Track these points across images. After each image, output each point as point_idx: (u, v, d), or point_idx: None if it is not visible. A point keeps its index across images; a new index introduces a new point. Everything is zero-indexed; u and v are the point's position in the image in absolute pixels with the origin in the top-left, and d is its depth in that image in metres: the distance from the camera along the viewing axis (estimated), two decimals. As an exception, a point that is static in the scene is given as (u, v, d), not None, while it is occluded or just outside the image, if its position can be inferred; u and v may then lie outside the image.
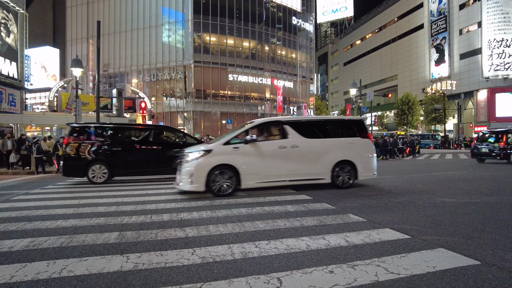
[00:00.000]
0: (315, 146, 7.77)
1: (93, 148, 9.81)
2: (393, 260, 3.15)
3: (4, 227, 4.58)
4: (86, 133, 10.01)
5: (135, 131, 11.35)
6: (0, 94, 25.67)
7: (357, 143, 8.11)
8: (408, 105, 48.02)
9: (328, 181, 7.68)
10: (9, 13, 27.41)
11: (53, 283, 2.73)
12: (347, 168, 7.87)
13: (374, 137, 24.04)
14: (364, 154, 8.13)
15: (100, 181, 9.77)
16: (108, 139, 10.10)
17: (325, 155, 7.72)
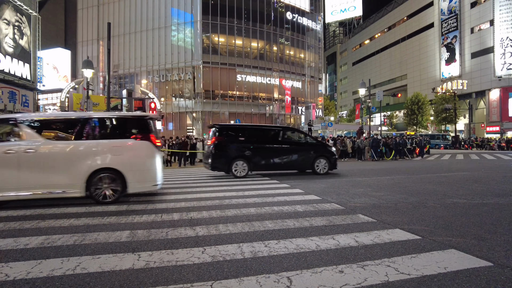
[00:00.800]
0: (62, 150, 6.16)
1: (235, 146, 11.04)
2: (403, 261, 3.13)
3: (20, 225, 4.69)
4: (229, 133, 11.43)
5: (267, 131, 12.45)
6: (14, 95, 26.19)
7: (129, 147, 6.50)
8: (417, 105, 47.52)
9: (81, 194, 6.09)
10: (22, 16, 27.96)
11: (67, 279, 2.79)
12: (111, 178, 6.24)
13: (383, 137, 23.86)
14: (140, 161, 6.53)
15: (241, 175, 10.92)
16: (246, 138, 11.36)
17: (77, 161, 6.11)
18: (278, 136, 11.74)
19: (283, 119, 47.77)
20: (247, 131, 11.89)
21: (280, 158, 11.41)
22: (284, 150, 11.53)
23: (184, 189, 8.36)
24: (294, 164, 11.73)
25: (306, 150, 11.92)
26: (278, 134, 11.81)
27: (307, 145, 12.20)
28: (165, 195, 7.37)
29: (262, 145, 11.38)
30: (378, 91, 30.24)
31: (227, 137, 11.23)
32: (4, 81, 25.26)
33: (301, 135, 12.82)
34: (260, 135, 11.92)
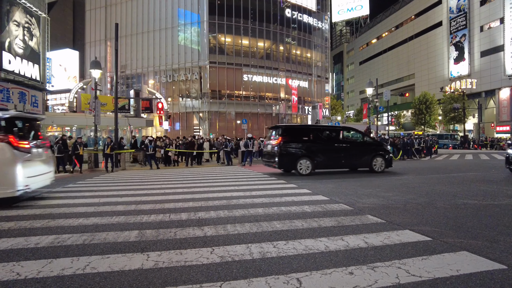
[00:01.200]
0: None
1: (300, 145, 11.47)
2: (414, 263, 3.09)
3: (30, 224, 4.74)
4: (293, 133, 11.88)
5: (329, 131, 12.85)
6: (24, 95, 26.53)
7: None
8: (425, 105, 47.05)
9: None
10: (32, 17, 28.31)
11: (77, 279, 2.81)
12: None
13: (390, 137, 23.65)
14: None
15: (305, 173, 11.27)
16: (310, 138, 11.87)
17: None
18: (339, 136, 12.25)
19: (290, 119, 47.66)
20: (309, 131, 12.47)
21: (341, 157, 11.81)
22: (344, 150, 11.93)
23: (192, 188, 8.38)
24: (353, 163, 12.21)
25: (364, 149, 12.38)
26: (338, 134, 12.33)
27: (365, 144, 12.72)
28: (173, 194, 7.39)
29: (324, 144, 11.91)
30: (385, 90, 29.99)
31: (292, 137, 11.71)
32: (14, 82, 25.59)
33: (359, 135, 13.22)
34: (321, 135, 12.42)
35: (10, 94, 25.11)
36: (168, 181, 10.29)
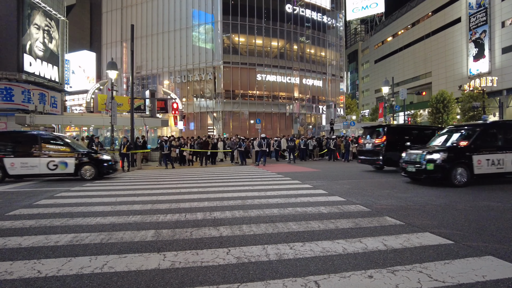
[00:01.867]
0: None
1: (402, 144, 12.25)
2: (436, 267, 2.99)
3: (50, 223, 4.84)
4: (395, 132, 13.00)
5: (422, 130, 14.02)
6: (43, 96, 27.26)
7: None
8: (443, 103, 45.88)
9: None
10: (51, 21, 29.06)
11: (96, 278, 2.83)
12: None
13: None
14: None
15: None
16: (410, 137, 12.71)
17: None
18: (434, 134, 12.88)
19: (304, 118, 47.37)
20: (410, 130, 13.68)
21: None
22: None
23: (207, 188, 8.40)
24: None
25: None
26: (434, 133, 13.14)
27: None
28: (188, 194, 7.43)
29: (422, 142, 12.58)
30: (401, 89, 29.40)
31: (395, 136, 12.69)
32: (35, 83, 26.35)
33: None
34: (423, 134, 13.19)
35: (31, 96, 25.85)
36: (183, 181, 10.36)
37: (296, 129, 44.46)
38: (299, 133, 39.78)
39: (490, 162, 8.35)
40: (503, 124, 9.67)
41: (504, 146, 8.64)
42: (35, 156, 10.55)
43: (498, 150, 8.50)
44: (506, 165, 8.46)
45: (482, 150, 8.39)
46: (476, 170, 8.23)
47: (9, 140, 11.00)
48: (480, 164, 8.25)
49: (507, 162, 8.45)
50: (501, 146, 8.62)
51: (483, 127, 8.97)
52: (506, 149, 8.54)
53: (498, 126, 9.47)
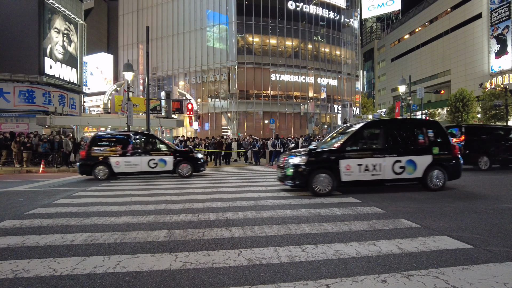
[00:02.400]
0: None
1: (480, 143, 12.78)
2: (454, 272, 2.89)
3: (67, 222, 4.95)
4: (474, 132, 13.18)
5: (505, 130, 14.06)
6: (63, 98, 28.01)
7: None
8: (462, 102, 44.62)
9: None
10: (70, 24, 29.83)
11: (108, 277, 2.87)
12: None
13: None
14: None
15: (484, 169, 12.45)
16: (488, 137, 13.11)
17: None
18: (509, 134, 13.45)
19: (319, 118, 46.99)
20: (487, 130, 13.84)
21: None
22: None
23: (220, 188, 8.42)
24: None
25: None
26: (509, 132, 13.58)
27: None
28: (202, 194, 7.47)
29: (501, 143, 13.03)
30: (419, 88, 28.75)
31: (473, 135, 12.92)
32: (55, 86, 27.12)
33: None
34: (497, 134, 13.54)
35: (51, 97, 26.61)
36: (197, 181, 10.43)
37: (311, 129, 44.17)
38: (313, 133, 39.49)
39: (363, 167, 7.17)
40: (382, 123, 8.16)
41: (382, 149, 7.39)
42: (137, 155, 11.29)
43: (375, 154, 7.34)
44: (385, 171, 7.25)
45: (353, 153, 7.25)
46: (344, 176, 7.11)
47: (114, 140, 11.84)
48: (350, 170, 7.11)
49: (386, 167, 7.25)
50: (376, 149, 7.49)
51: (358, 128, 7.78)
52: (384, 153, 7.33)
53: (375, 126, 8.19)
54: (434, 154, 7.51)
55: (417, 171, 7.38)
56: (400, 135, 7.72)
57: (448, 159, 7.64)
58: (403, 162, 7.30)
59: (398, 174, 7.31)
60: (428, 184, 7.46)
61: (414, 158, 7.37)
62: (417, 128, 7.88)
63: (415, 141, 7.66)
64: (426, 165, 7.41)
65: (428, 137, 7.66)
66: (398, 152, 7.36)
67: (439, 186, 7.50)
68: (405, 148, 7.49)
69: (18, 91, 25.22)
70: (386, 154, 7.31)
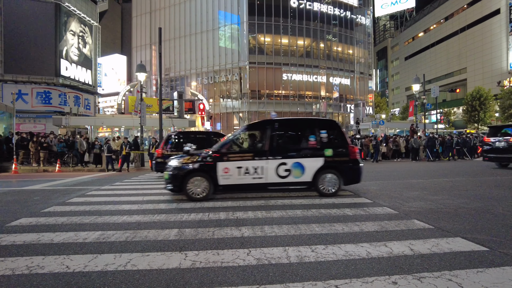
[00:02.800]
0: None
1: None
2: (468, 275, 2.81)
3: (80, 220, 5.04)
4: None
5: None
6: (78, 99, 28.60)
7: None
8: (479, 101, 43.59)
9: None
10: (85, 27, 30.42)
11: (119, 275, 2.91)
12: None
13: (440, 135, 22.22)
14: None
15: None
16: None
17: None
18: None
19: (331, 118, 46.63)
20: None
21: None
22: None
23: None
24: None
25: None
26: None
27: None
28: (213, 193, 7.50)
29: None
30: (433, 86, 28.22)
31: None
32: (70, 87, 27.71)
33: None
34: None
35: (66, 98, 27.20)
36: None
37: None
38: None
39: (243, 170, 6.65)
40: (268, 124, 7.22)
41: (266, 151, 6.82)
42: None
43: (257, 156, 6.75)
44: (267, 175, 6.71)
45: (232, 156, 6.77)
46: (222, 180, 6.63)
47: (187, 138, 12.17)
48: (228, 173, 6.62)
49: (269, 171, 6.71)
50: (259, 151, 6.86)
51: (241, 129, 7.35)
52: (267, 155, 6.75)
53: (259, 126, 7.45)
54: (326, 157, 6.87)
55: (305, 174, 6.78)
56: (288, 136, 7.36)
57: (343, 162, 6.98)
58: (288, 165, 6.74)
59: (283, 178, 6.74)
60: (319, 188, 6.87)
61: (302, 160, 6.78)
62: (308, 129, 7.27)
63: (305, 143, 7.10)
64: (316, 168, 6.80)
65: (320, 138, 7.03)
66: (283, 154, 6.82)
67: (331, 191, 6.90)
68: (293, 150, 6.96)
69: (35, 92, 25.88)
70: (269, 157, 6.74)
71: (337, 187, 6.93)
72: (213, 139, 11.93)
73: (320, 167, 6.83)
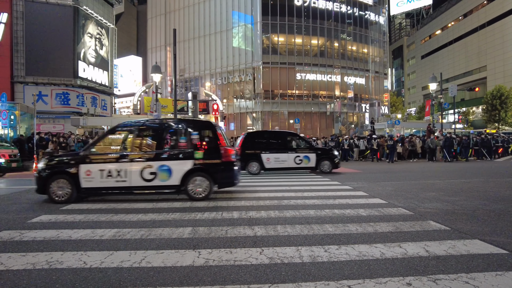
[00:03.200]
0: None
1: None
2: (486, 278, 2.75)
3: (97, 217, 5.17)
4: None
5: None
6: (95, 100, 29.23)
7: None
8: (500, 99, 42.29)
9: None
10: (102, 29, 31.07)
11: (134, 272, 2.97)
12: None
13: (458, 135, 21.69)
14: None
15: None
16: None
17: None
18: None
19: (345, 117, 46.16)
20: None
21: None
22: None
23: (244, 187, 8.48)
24: None
25: None
26: None
27: None
28: (226, 193, 7.55)
29: None
30: (451, 85, 27.56)
31: None
32: (87, 88, 28.38)
33: None
34: None
35: (84, 99, 27.85)
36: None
37: (337, 129, 43.48)
38: (340, 133, 38.83)
39: (105, 173, 6.42)
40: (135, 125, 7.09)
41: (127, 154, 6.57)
42: (285, 152, 12.31)
43: (121, 159, 6.52)
44: (131, 178, 6.46)
45: (96, 158, 6.53)
46: (85, 183, 6.39)
47: (264, 138, 12.93)
48: (90, 176, 6.38)
49: (133, 174, 6.46)
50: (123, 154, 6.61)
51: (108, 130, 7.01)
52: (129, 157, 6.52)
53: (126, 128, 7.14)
54: (196, 159, 6.62)
55: (172, 177, 6.52)
56: (155, 138, 7.07)
57: (215, 164, 6.73)
58: (154, 168, 6.49)
59: (148, 181, 6.49)
60: (189, 192, 6.62)
61: (169, 163, 6.55)
62: (179, 130, 7.05)
63: (175, 145, 6.87)
64: (184, 171, 6.54)
65: (191, 140, 6.78)
66: (145, 156, 6.60)
67: (201, 195, 6.65)
68: (159, 152, 6.69)
69: (55, 93, 26.62)
70: (133, 159, 6.53)
71: (208, 190, 6.70)
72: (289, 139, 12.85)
73: (189, 170, 6.59)
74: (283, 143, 12.68)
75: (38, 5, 26.20)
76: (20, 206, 6.22)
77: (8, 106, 19.41)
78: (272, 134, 14.31)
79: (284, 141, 12.76)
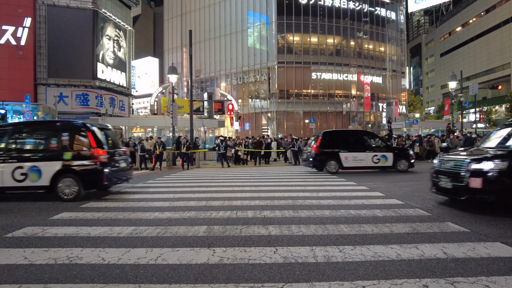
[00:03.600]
0: None
1: None
2: (508, 282, 2.66)
3: (115, 216, 5.30)
4: None
5: None
6: (113, 100, 29.88)
7: None
8: (525, 98, 40.77)
9: None
10: (120, 31, 31.74)
11: (150, 268, 3.04)
12: None
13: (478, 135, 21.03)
14: None
15: None
16: None
17: None
18: None
19: (362, 117, 45.52)
20: None
21: None
22: None
23: (259, 187, 8.50)
24: None
25: None
26: None
27: None
28: (241, 192, 7.59)
29: None
30: (472, 83, 26.77)
31: None
32: (106, 89, 29.04)
33: None
34: None
35: (103, 100, 28.50)
36: (237, 179, 10.61)
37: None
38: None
39: None
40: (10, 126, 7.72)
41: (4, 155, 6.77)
42: (363, 151, 12.20)
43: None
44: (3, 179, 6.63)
45: None
46: None
47: (341, 137, 13.07)
48: None
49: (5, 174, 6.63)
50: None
51: None
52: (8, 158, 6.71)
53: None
54: (65, 160, 6.66)
55: (42, 178, 6.58)
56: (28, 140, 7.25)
57: (84, 165, 6.73)
58: (25, 169, 6.56)
59: (20, 182, 6.56)
60: (58, 193, 6.63)
61: (39, 164, 6.59)
62: (50, 132, 7.15)
63: (46, 146, 6.96)
64: (53, 172, 6.57)
65: (61, 142, 6.82)
66: (20, 157, 6.70)
67: (70, 197, 6.65)
68: (31, 153, 6.87)
69: (74, 95, 27.36)
70: (7, 160, 6.65)
71: (76, 192, 6.69)
72: (366, 138, 12.83)
73: (58, 171, 6.63)
74: (361, 142, 12.64)
75: (60, 10, 26.99)
76: (41, 204, 6.44)
77: (32, 107, 20.13)
78: (349, 133, 14.54)
79: (362, 140, 12.77)
